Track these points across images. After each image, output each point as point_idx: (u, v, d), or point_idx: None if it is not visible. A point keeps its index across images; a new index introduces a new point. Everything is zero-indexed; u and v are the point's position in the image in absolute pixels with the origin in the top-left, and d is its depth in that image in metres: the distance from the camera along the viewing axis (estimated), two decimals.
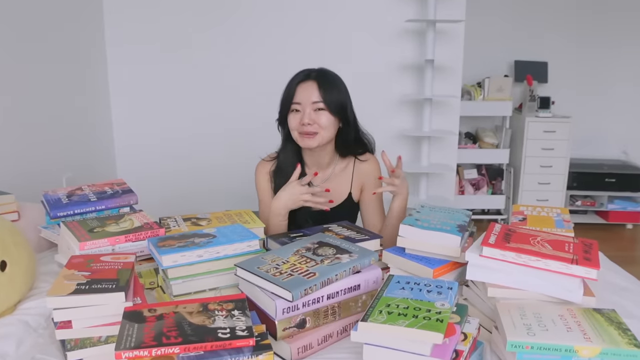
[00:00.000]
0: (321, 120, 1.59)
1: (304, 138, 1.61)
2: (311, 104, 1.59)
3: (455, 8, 3.21)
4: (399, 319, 0.87)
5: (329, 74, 1.66)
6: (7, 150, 2.26)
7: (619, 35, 4.37)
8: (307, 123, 1.58)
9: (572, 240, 1.14)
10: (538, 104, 4.10)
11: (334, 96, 1.60)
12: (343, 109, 1.64)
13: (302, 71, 1.65)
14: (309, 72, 1.64)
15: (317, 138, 1.61)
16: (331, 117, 1.60)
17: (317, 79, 1.60)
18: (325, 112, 1.59)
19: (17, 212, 1.60)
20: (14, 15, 2.31)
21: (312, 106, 1.59)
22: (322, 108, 1.59)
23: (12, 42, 2.30)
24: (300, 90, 1.60)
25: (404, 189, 1.62)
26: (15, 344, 1.04)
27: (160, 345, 0.82)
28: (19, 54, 2.35)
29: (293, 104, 1.61)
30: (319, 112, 1.59)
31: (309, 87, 1.60)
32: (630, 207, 4.27)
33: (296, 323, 1.03)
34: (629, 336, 0.90)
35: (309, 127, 1.59)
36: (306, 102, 1.59)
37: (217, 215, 1.56)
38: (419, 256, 1.23)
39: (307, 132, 1.59)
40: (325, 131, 1.61)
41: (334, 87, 1.62)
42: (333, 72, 1.68)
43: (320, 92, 1.58)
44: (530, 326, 0.92)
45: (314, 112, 1.59)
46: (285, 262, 1.11)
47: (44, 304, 1.16)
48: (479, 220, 4.25)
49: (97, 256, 1.16)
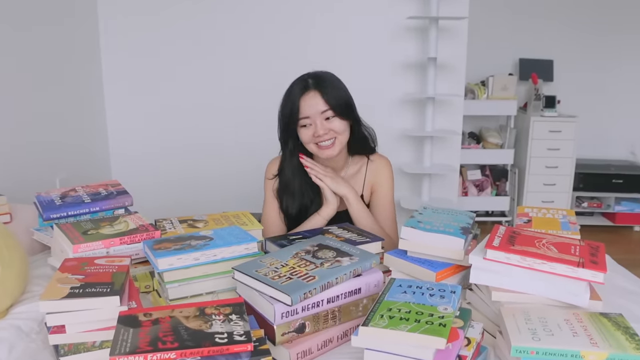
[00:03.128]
0: (335, 126, 1.59)
1: (322, 149, 1.61)
2: (320, 114, 1.58)
3: (458, 4, 3.21)
4: (401, 324, 0.87)
5: (325, 77, 1.64)
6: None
7: (627, 33, 4.38)
8: (322, 134, 1.58)
9: (578, 242, 1.14)
10: (543, 103, 4.10)
11: (339, 99, 1.60)
12: (350, 109, 1.64)
13: (297, 82, 1.62)
14: (306, 82, 1.61)
15: (336, 145, 1.61)
16: (343, 121, 1.61)
17: (316, 86, 1.59)
18: (336, 117, 1.59)
19: (9, 213, 1.60)
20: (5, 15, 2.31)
21: (322, 116, 1.58)
22: (332, 115, 1.59)
23: (5, 46, 2.31)
24: (304, 103, 1.59)
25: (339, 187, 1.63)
26: (7, 349, 1.03)
27: (156, 351, 0.82)
28: (11, 54, 2.35)
29: (301, 119, 1.60)
30: (330, 120, 1.59)
31: (312, 98, 1.58)
32: (638, 209, 4.27)
33: (295, 328, 1.03)
34: (637, 341, 0.90)
35: (325, 136, 1.59)
36: (314, 114, 1.58)
37: (214, 217, 1.56)
38: (421, 259, 1.23)
39: (325, 142, 1.60)
40: (342, 136, 1.62)
41: (335, 89, 1.61)
42: (329, 73, 1.66)
43: (325, 99, 1.58)
44: (536, 331, 0.92)
45: (325, 121, 1.59)
46: (284, 265, 1.11)
47: (36, 308, 1.15)
48: (483, 223, 4.25)
49: (91, 259, 1.16)
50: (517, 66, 4.39)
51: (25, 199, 1.82)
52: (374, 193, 1.77)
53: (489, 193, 4.20)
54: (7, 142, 2.33)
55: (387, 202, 1.75)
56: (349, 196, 1.63)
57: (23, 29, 2.43)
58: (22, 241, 1.38)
